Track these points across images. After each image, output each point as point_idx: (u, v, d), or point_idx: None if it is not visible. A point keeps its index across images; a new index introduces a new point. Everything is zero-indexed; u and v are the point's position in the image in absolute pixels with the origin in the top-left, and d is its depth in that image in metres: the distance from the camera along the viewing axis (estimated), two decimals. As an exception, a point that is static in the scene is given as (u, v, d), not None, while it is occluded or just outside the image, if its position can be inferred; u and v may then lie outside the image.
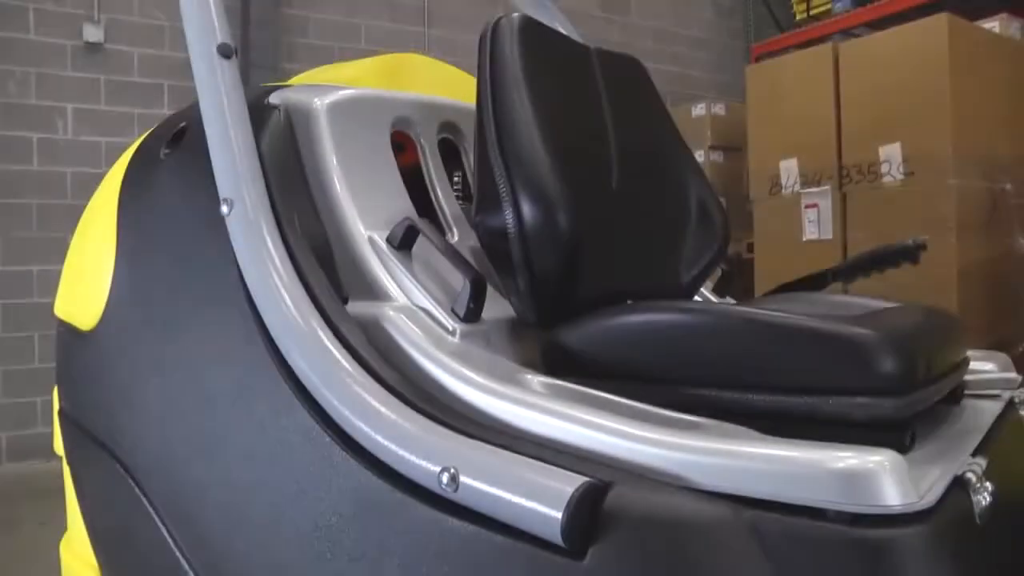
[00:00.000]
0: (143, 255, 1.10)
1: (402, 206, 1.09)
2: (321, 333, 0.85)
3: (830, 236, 2.93)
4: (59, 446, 1.32)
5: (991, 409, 1.02)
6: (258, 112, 1.04)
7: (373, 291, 0.98)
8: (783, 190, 3.10)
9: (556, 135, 1.03)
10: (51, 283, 3.75)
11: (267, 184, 0.96)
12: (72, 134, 3.93)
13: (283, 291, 0.87)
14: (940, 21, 2.71)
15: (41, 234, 3.84)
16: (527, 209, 0.96)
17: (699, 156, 4.93)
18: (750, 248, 4.24)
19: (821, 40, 5.94)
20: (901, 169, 2.73)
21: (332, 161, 1.04)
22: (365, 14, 4.73)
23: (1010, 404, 1.06)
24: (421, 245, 1.01)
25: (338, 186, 1.03)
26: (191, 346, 0.99)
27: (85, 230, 1.30)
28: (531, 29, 1.10)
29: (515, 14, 1.11)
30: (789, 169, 3.07)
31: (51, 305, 3.99)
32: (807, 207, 2.99)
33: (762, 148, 3.26)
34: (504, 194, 0.97)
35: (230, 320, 0.93)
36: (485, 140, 1.00)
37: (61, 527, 2.87)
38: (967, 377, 1.06)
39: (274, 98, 1.11)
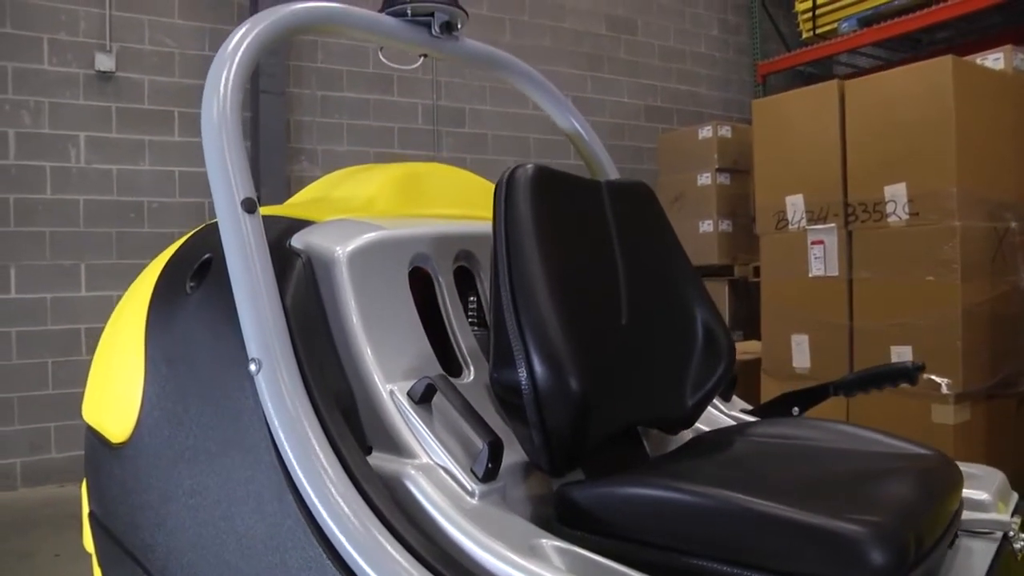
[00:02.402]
0: (173, 386, 1.14)
1: (421, 350, 1.14)
2: (351, 498, 0.89)
3: (836, 273, 2.95)
4: (88, 543, 1.36)
5: (985, 552, 1.06)
6: (281, 259, 1.09)
7: (395, 445, 1.02)
8: (789, 225, 3.12)
9: (568, 289, 1.08)
10: (63, 310, 3.84)
11: (293, 342, 1.00)
12: (84, 162, 3.98)
13: (312, 458, 0.92)
14: (945, 63, 2.72)
15: (54, 262, 3.90)
16: (540, 371, 1.01)
17: (706, 178, 4.96)
18: (756, 272, 4.27)
19: (827, 59, 5.98)
20: (906, 209, 2.75)
21: (353, 313, 1.08)
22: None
23: (1004, 540, 1.09)
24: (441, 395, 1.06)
25: (360, 338, 1.07)
26: (223, 484, 1.03)
27: (112, 343, 1.34)
28: (543, 180, 1.15)
29: (529, 165, 1.16)
30: (795, 205, 3.10)
31: (64, 332, 4.05)
32: (813, 243, 3.02)
33: (768, 182, 3.28)
34: (518, 355, 1.02)
35: (261, 470, 0.98)
36: (500, 301, 1.05)
37: (74, 559, 2.91)
38: (964, 516, 1.09)
39: (296, 242, 1.16)
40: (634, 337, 1.24)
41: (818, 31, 5.62)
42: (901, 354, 2.77)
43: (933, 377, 2.68)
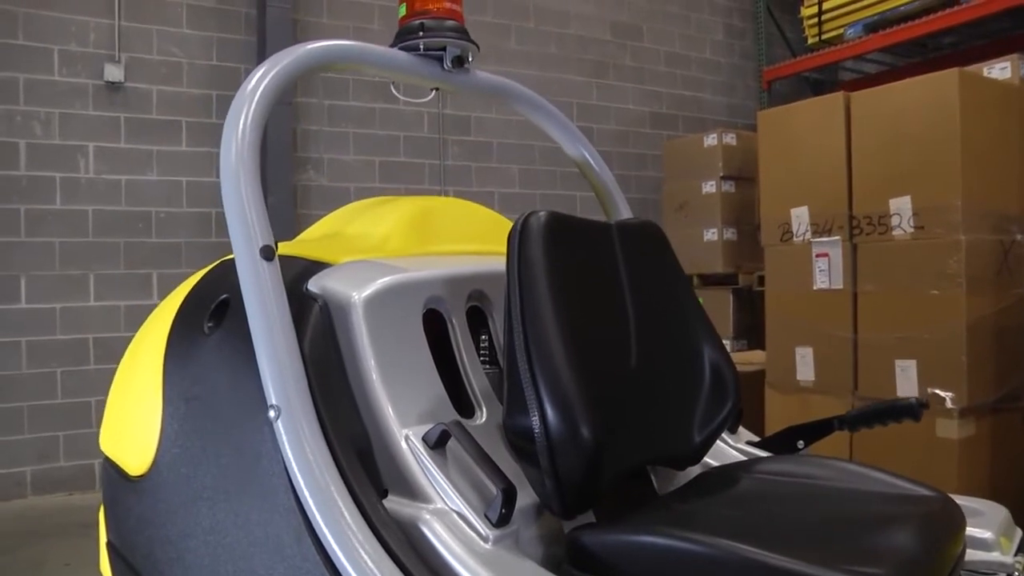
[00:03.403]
0: (192, 425, 1.18)
1: (435, 394, 1.17)
2: (368, 543, 0.92)
3: (840, 286, 2.95)
4: (106, 570, 1.38)
5: None
6: (298, 303, 1.11)
7: (411, 490, 1.05)
8: (794, 237, 3.12)
9: (580, 334, 1.11)
10: (72, 320, 3.87)
11: (311, 388, 1.03)
12: (93, 172, 4.02)
13: (330, 504, 0.95)
14: (951, 76, 2.72)
15: (63, 272, 3.93)
16: (552, 420, 1.03)
17: (710, 186, 4.97)
18: (761, 280, 4.28)
19: (833, 65, 5.98)
20: (911, 223, 2.76)
21: (369, 358, 1.11)
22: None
23: None
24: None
25: (376, 384, 1.10)
26: (242, 525, 1.06)
27: (130, 377, 1.37)
28: (554, 227, 1.18)
29: (541, 213, 1.18)
30: (800, 217, 3.10)
31: (74, 342, 4.08)
32: (817, 256, 3.02)
33: (773, 194, 3.28)
34: (531, 403, 1.04)
35: (280, 513, 1.01)
36: (514, 349, 1.08)
37: (84, 568, 2.94)
38: (967, 555, 1.11)
39: (312, 286, 1.18)
40: (644, 378, 1.27)
41: (824, 37, 5.61)
42: (905, 368, 2.77)
43: (938, 392, 2.69)
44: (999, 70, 3.31)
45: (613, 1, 5.73)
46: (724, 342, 4.71)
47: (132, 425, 1.29)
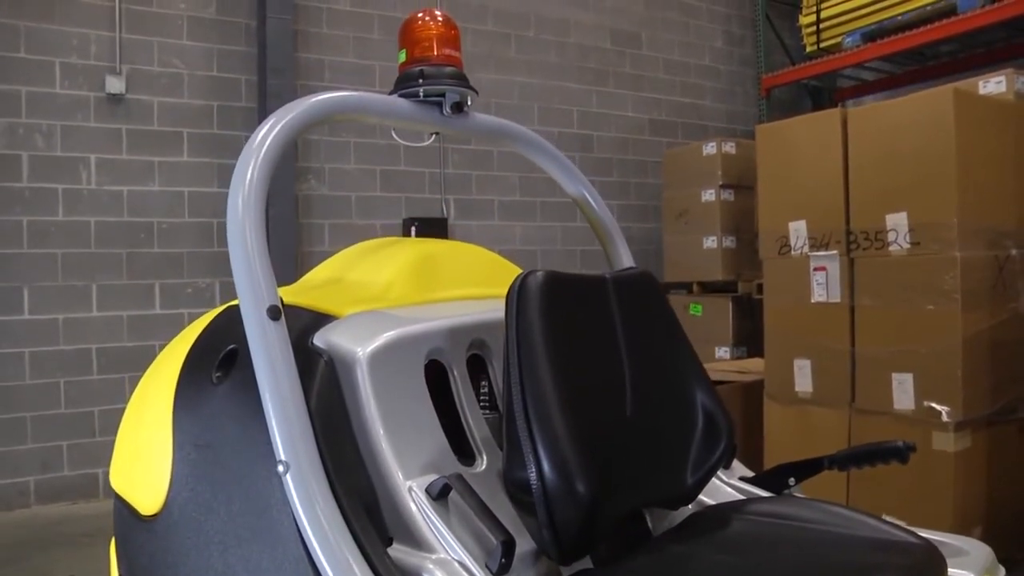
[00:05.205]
0: (202, 471, 1.21)
1: (438, 445, 1.21)
2: None
3: (838, 299, 2.98)
4: None
5: None
6: (304, 358, 1.15)
7: (414, 539, 1.09)
8: (792, 251, 3.15)
9: (577, 389, 1.15)
10: (75, 331, 3.90)
11: (318, 443, 1.07)
12: (95, 184, 4.04)
13: (338, 555, 0.99)
14: (946, 93, 2.75)
15: (65, 283, 3.95)
16: (549, 476, 1.08)
17: (710, 194, 5.00)
18: (760, 288, 4.30)
19: (831, 74, 6.01)
20: (907, 239, 2.78)
21: (374, 413, 1.15)
22: (379, 55, 4.82)
23: None
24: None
25: (380, 437, 1.14)
26: (253, 571, 1.09)
27: (139, 418, 1.40)
28: (551, 286, 1.22)
29: (539, 272, 1.22)
30: (798, 231, 3.13)
31: (76, 352, 4.09)
32: (815, 270, 3.05)
33: (771, 207, 3.31)
34: (529, 459, 1.09)
35: (290, 562, 1.04)
36: (512, 406, 1.12)
37: (91, 580, 2.96)
38: None
39: (318, 340, 1.21)
40: (639, 426, 1.31)
41: (822, 45, 5.64)
42: (902, 381, 2.80)
43: (934, 405, 2.71)
44: (994, 84, 3.34)
45: (612, 9, 5.76)
46: (724, 349, 4.76)
47: (143, 466, 1.32)
